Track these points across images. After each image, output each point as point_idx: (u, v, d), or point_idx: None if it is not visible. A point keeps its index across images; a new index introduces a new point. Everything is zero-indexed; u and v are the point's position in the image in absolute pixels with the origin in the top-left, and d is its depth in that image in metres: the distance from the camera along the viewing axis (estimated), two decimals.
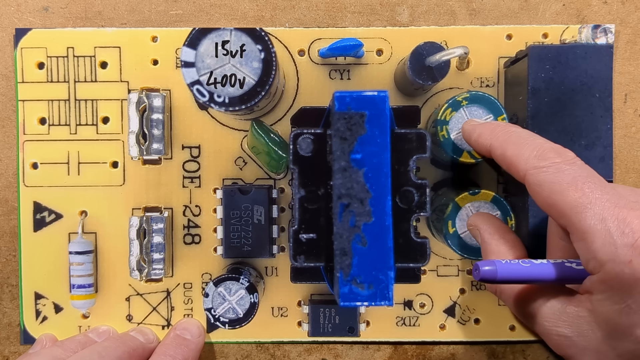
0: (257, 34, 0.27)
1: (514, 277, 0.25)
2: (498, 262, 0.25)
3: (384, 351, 0.35)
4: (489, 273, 0.25)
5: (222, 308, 0.31)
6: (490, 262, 0.25)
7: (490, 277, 0.25)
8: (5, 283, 0.34)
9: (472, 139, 0.28)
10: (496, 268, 0.25)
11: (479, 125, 0.28)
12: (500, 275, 0.25)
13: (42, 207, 0.34)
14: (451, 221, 0.29)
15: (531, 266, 0.25)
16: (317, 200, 0.25)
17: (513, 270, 0.25)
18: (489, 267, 0.25)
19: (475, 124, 0.29)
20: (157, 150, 0.32)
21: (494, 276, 0.25)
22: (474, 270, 0.25)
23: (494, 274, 0.25)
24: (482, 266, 0.25)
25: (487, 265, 0.25)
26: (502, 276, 0.25)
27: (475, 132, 0.28)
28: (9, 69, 0.34)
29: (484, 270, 0.25)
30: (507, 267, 0.25)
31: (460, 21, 0.34)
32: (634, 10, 0.34)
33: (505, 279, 0.25)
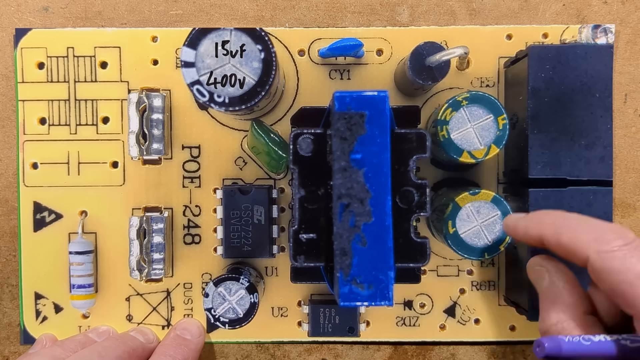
0: (257, 34, 0.27)
1: (578, 354, 0.25)
2: (561, 339, 0.25)
3: (384, 351, 0.35)
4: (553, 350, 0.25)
5: (222, 308, 0.31)
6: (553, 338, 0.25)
7: (554, 354, 0.25)
8: (5, 283, 0.34)
9: (519, 234, 0.28)
10: (560, 346, 0.25)
11: (522, 219, 0.28)
12: (565, 353, 0.25)
13: (42, 207, 0.34)
14: (451, 221, 0.29)
15: (592, 345, 0.25)
16: (317, 200, 0.25)
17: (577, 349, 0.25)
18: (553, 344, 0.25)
19: (517, 217, 0.28)
20: (157, 150, 0.32)
21: (558, 352, 0.25)
22: (536, 347, 0.25)
23: (558, 350, 0.25)
24: (546, 342, 0.25)
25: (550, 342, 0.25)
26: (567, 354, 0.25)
27: (520, 227, 0.28)
28: (9, 69, 0.34)
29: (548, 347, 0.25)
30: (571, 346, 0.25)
31: (460, 21, 0.34)
32: (634, 10, 0.34)
33: (570, 356, 0.25)
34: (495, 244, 0.29)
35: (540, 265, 0.28)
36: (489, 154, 0.29)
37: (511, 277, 0.33)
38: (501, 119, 0.29)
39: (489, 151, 0.29)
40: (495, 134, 0.29)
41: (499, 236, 0.29)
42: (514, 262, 0.33)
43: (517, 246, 0.32)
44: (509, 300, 0.33)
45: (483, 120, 0.29)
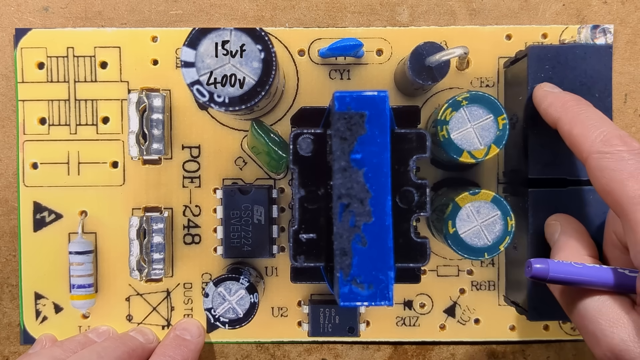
0: (257, 34, 0.27)
1: (565, 278, 0.25)
2: (551, 261, 0.25)
3: (384, 351, 0.35)
4: (541, 271, 0.25)
5: (222, 308, 0.31)
6: (542, 260, 0.25)
7: (541, 275, 0.25)
8: (5, 283, 0.34)
9: (542, 106, 0.28)
10: (548, 267, 0.25)
11: (551, 94, 0.28)
12: (552, 274, 0.25)
13: (42, 207, 0.34)
14: (451, 221, 0.29)
15: (583, 268, 0.25)
16: (317, 200, 0.25)
17: (565, 271, 0.25)
18: (541, 265, 0.25)
19: (548, 90, 0.29)
20: (157, 150, 0.32)
21: (545, 275, 0.25)
22: (526, 267, 0.25)
23: (545, 272, 0.25)
24: (535, 263, 0.25)
25: (539, 263, 0.25)
26: (554, 276, 0.25)
27: (546, 100, 0.28)
28: (9, 69, 0.34)
29: (535, 268, 0.25)
30: (560, 267, 0.25)
31: (460, 21, 0.34)
32: (633, 10, 0.34)
33: (556, 279, 0.25)
34: (495, 244, 0.29)
35: (555, 220, 0.29)
36: (489, 154, 0.29)
37: (511, 277, 0.33)
38: (501, 119, 0.29)
39: (489, 151, 0.29)
40: (495, 134, 0.29)
41: (499, 236, 0.29)
42: (514, 262, 0.33)
43: (517, 246, 0.32)
44: (509, 300, 0.34)
45: (483, 120, 0.29)
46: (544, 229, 0.30)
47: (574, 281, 0.25)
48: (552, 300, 0.30)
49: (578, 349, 0.35)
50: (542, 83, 0.29)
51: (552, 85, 0.29)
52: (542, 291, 0.30)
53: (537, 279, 0.25)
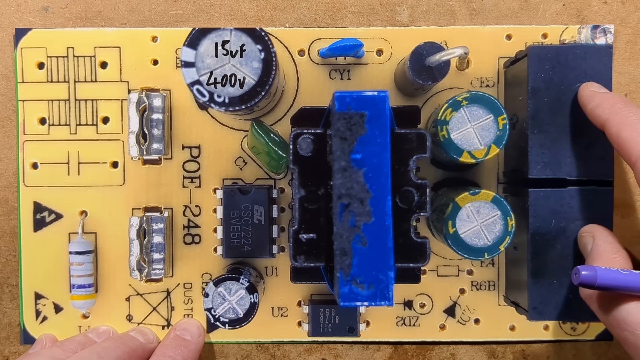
0: (257, 34, 0.27)
1: (613, 285, 0.25)
2: (598, 267, 0.25)
3: (384, 351, 0.35)
4: (589, 278, 0.25)
5: (222, 308, 0.31)
6: (590, 267, 0.25)
7: (589, 282, 0.25)
8: (5, 283, 0.34)
9: (589, 107, 0.28)
10: (596, 273, 0.25)
11: (599, 95, 0.28)
12: (600, 281, 0.25)
13: (42, 207, 0.34)
14: (451, 221, 0.29)
15: (630, 275, 0.25)
16: (317, 200, 0.25)
17: (613, 277, 0.25)
18: (589, 272, 0.25)
19: (595, 91, 0.28)
20: (157, 150, 0.32)
21: (593, 281, 0.25)
22: (574, 274, 0.25)
23: (593, 279, 0.25)
24: (582, 270, 0.25)
25: (587, 270, 0.25)
26: (602, 282, 0.25)
27: (593, 101, 0.28)
28: (9, 69, 0.34)
29: (584, 275, 0.25)
30: (607, 274, 0.25)
31: (460, 21, 0.34)
32: (634, 10, 0.34)
33: (604, 286, 0.25)
34: (495, 244, 0.29)
35: (587, 232, 0.29)
36: (489, 154, 0.29)
37: (511, 277, 0.33)
38: (501, 119, 0.29)
39: (489, 151, 0.29)
40: (495, 134, 0.29)
41: (499, 236, 0.29)
42: (514, 262, 0.33)
43: (517, 246, 0.32)
44: (509, 300, 0.34)
45: (483, 120, 0.29)
46: (543, 226, 0.30)
47: (623, 287, 0.25)
48: (552, 301, 0.30)
49: (578, 348, 0.35)
50: (589, 82, 0.29)
51: (599, 85, 0.29)
52: (542, 291, 0.30)
53: (585, 286, 0.25)
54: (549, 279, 0.30)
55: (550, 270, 0.30)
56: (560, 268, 0.30)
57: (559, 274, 0.30)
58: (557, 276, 0.30)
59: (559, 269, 0.30)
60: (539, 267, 0.30)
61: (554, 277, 0.30)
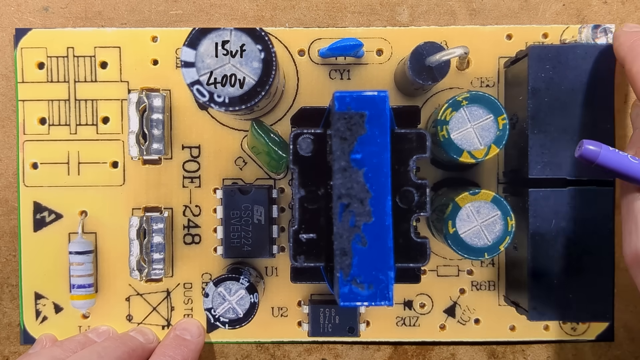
0: (257, 34, 0.27)
1: (613, 167, 0.24)
2: (605, 146, 0.24)
3: (384, 351, 0.35)
4: (591, 153, 0.24)
5: (222, 308, 0.31)
6: (597, 143, 0.24)
7: (590, 157, 0.24)
8: (5, 283, 0.34)
9: (614, 46, 0.29)
10: (600, 151, 0.24)
11: (624, 34, 0.28)
12: (601, 160, 0.24)
13: (42, 207, 0.34)
14: (451, 221, 0.29)
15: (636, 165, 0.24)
16: (317, 200, 0.25)
17: (615, 160, 0.24)
18: (593, 148, 0.24)
19: (623, 30, 0.29)
20: (157, 150, 0.32)
21: (594, 158, 0.24)
22: (578, 147, 0.24)
23: (595, 155, 0.24)
24: (587, 144, 0.24)
25: (592, 145, 0.24)
26: (602, 161, 0.24)
27: (618, 40, 0.28)
28: (9, 69, 0.34)
29: (586, 149, 0.24)
30: (612, 155, 0.24)
31: (460, 21, 0.34)
32: (634, 10, 0.34)
33: (604, 165, 0.24)
34: (495, 244, 0.29)
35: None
36: (489, 154, 0.29)
37: (511, 277, 0.33)
38: (501, 119, 0.29)
39: (489, 151, 0.29)
40: (495, 134, 0.29)
41: (499, 236, 0.29)
42: (514, 262, 0.33)
43: (517, 246, 0.32)
44: (509, 300, 0.34)
45: (483, 120, 0.29)
46: (543, 226, 0.30)
47: (621, 173, 0.24)
48: (552, 301, 0.30)
49: (578, 349, 0.35)
50: (625, 24, 0.30)
51: (634, 25, 0.29)
52: (542, 291, 0.30)
53: (585, 160, 0.24)
54: (549, 279, 0.30)
55: (550, 270, 0.30)
56: (561, 268, 0.30)
57: (559, 274, 0.30)
58: (557, 276, 0.30)
59: (559, 269, 0.30)
60: (539, 267, 0.30)
61: (554, 277, 0.30)
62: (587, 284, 0.30)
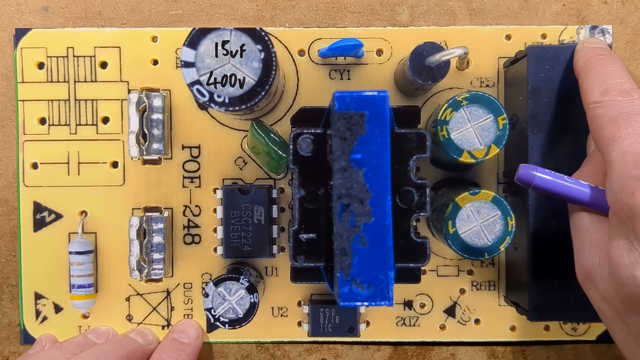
0: (257, 34, 0.27)
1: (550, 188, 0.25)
2: (541, 169, 0.25)
3: (384, 351, 0.35)
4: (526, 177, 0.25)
5: (222, 308, 0.31)
6: (533, 167, 0.25)
7: (526, 180, 0.25)
8: (5, 283, 0.34)
9: (574, 59, 0.29)
10: (535, 174, 0.25)
11: (583, 49, 0.29)
12: (537, 182, 0.25)
13: (42, 207, 0.34)
14: (451, 221, 0.29)
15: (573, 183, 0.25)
16: (317, 200, 0.25)
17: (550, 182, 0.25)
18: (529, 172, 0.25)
19: (584, 46, 0.29)
20: (157, 150, 0.32)
21: (530, 181, 0.25)
22: (517, 171, 0.25)
23: (530, 178, 0.25)
24: (523, 168, 0.25)
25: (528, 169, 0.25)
26: (538, 184, 0.25)
27: (576, 56, 0.29)
28: (9, 69, 0.34)
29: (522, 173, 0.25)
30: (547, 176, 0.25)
31: (460, 21, 0.34)
32: (634, 10, 0.34)
33: (540, 188, 0.25)
34: (495, 244, 0.29)
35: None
36: (489, 154, 0.29)
37: (511, 277, 0.33)
38: (501, 119, 0.29)
39: (489, 151, 0.29)
40: (495, 134, 0.29)
41: (499, 236, 0.29)
42: (514, 262, 0.33)
43: (517, 246, 0.32)
44: (509, 300, 0.33)
45: (483, 120, 0.29)
46: (543, 226, 0.30)
47: (559, 193, 0.25)
48: (552, 301, 0.30)
49: (578, 349, 0.35)
50: (587, 39, 0.30)
51: (595, 40, 0.30)
52: (543, 291, 0.30)
53: (522, 184, 0.25)
54: (549, 279, 0.30)
55: (550, 270, 0.30)
56: (561, 268, 0.30)
57: (559, 274, 0.30)
58: (558, 276, 0.30)
59: (559, 269, 0.30)
60: (539, 267, 0.30)
61: (554, 277, 0.30)
62: None
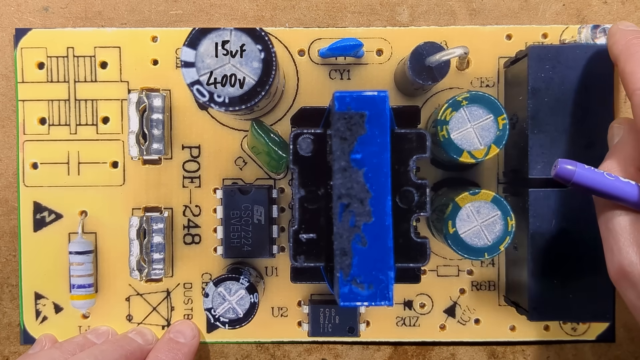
0: (257, 34, 0.27)
1: (590, 186, 0.23)
2: (580, 165, 0.24)
3: (384, 351, 0.35)
4: (566, 172, 0.23)
5: (222, 308, 0.31)
6: (572, 162, 0.24)
7: (566, 176, 0.23)
8: (5, 283, 0.34)
9: (608, 44, 0.28)
10: (575, 170, 0.23)
11: (619, 32, 0.28)
12: (577, 178, 0.23)
13: (42, 207, 0.34)
14: (451, 221, 0.29)
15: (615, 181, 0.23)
16: (317, 200, 0.25)
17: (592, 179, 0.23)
18: (569, 167, 0.23)
19: (619, 28, 0.28)
20: (157, 150, 0.32)
21: (569, 177, 0.23)
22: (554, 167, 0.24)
23: (570, 174, 0.23)
24: (562, 163, 0.23)
25: (568, 164, 0.23)
26: (578, 180, 0.23)
27: (612, 38, 0.28)
28: (9, 69, 0.34)
29: (562, 168, 0.23)
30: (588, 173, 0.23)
31: (460, 21, 0.34)
32: (634, 10, 0.34)
33: (580, 185, 0.23)
34: (495, 244, 0.29)
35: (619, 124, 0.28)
36: (489, 154, 0.29)
37: (511, 277, 0.33)
38: (501, 119, 0.29)
39: (489, 151, 0.29)
40: (495, 134, 0.29)
41: (499, 236, 0.29)
42: (514, 262, 0.33)
43: (517, 246, 0.32)
44: (509, 300, 0.33)
45: (483, 120, 0.29)
46: (543, 226, 0.30)
47: (598, 191, 0.24)
48: (552, 301, 0.30)
49: (578, 349, 0.35)
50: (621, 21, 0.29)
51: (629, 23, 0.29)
52: (543, 291, 0.30)
53: (561, 180, 0.23)
54: (549, 279, 0.30)
55: (550, 270, 0.30)
56: (561, 268, 0.30)
57: (559, 274, 0.30)
58: (558, 276, 0.30)
59: (559, 269, 0.30)
60: (539, 267, 0.30)
61: (554, 277, 0.30)
62: (587, 284, 0.30)
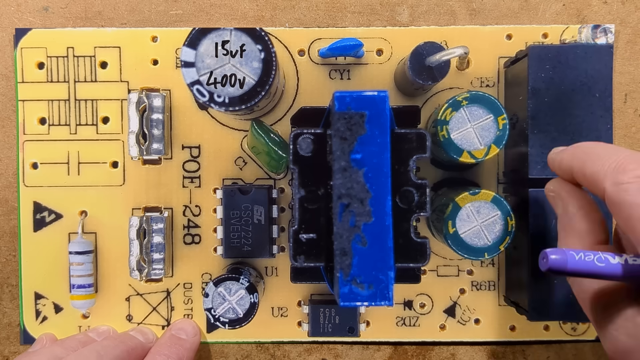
0: (257, 34, 0.27)
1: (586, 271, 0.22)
2: (569, 252, 0.23)
3: (384, 351, 0.35)
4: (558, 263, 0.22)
5: (222, 308, 0.31)
6: (559, 250, 0.23)
7: (559, 268, 0.22)
8: (5, 283, 0.34)
9: (556, 167, 0.27)
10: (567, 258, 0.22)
11: (561, 152, 0.27)
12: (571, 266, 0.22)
13: (42, 207, 0.34)
14: (451, 221, 0.29)
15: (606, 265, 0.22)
16: (317, 200, 0.25)
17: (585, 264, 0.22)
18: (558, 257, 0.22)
19: (558, 150, 0.27)
20: (157, 150, 0.32)
21: (563, 267, 0.22)
22: (541, 259, 0.23)
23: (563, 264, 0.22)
24: (551, 254, 0.22)
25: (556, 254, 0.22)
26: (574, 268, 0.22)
27: (557, 159, 0.27)
28: (9, 69, 0.34)
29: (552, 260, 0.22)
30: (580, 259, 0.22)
31: (460, 21, 0.34)
32: (634, 10, 0.34)
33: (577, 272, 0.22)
34: (495, 244, 0.29)
35: (552, 192, 0.27)
36: (489, 154, 0.29)
37: (511, 277, 0.33)
38: (501, 119, 0.29)
39: (489, 151, 0.29)
40: (495, 134, 0.29)
41: (499, 236, 0.29)
42: (514, 262, 0.33)
43: (517, 246, 0.32)
44: (509, 300, 0.33)
45: (483, 120, 0.29)
46: (543, 226, 0.30)
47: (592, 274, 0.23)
48: (552, 301, 0.30)
49: (578, 349, 0.35)
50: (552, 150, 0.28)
51: (558, 148, 0.28)
52: (543, 291, 0.30)
53: (554, 273, 0.23)
54: (549, 279, 0.30)
55: None
56: None
57: None
58: (557, 276, 0.30)
59: None
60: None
61: (554, 277, 0.30)
62: None
